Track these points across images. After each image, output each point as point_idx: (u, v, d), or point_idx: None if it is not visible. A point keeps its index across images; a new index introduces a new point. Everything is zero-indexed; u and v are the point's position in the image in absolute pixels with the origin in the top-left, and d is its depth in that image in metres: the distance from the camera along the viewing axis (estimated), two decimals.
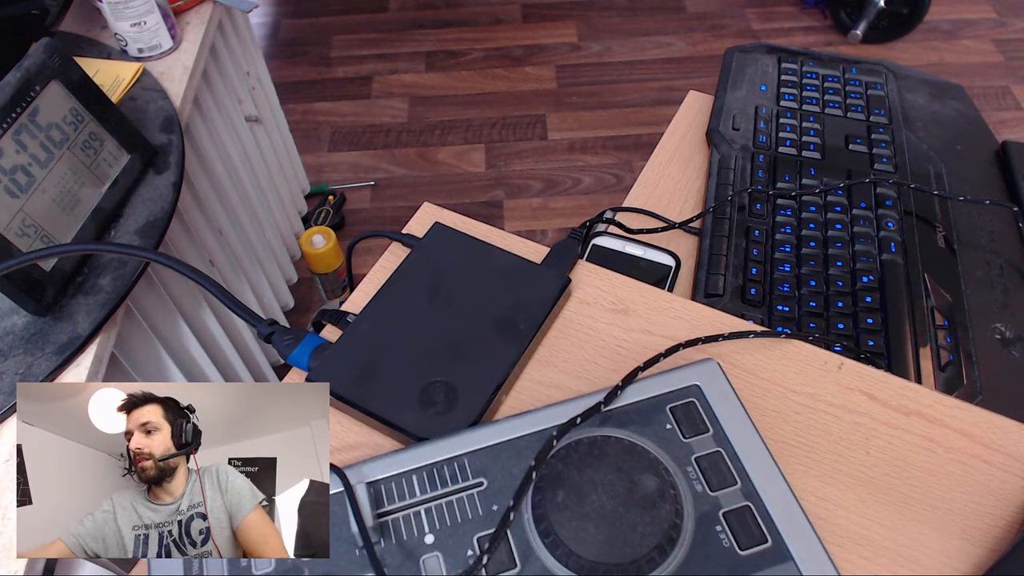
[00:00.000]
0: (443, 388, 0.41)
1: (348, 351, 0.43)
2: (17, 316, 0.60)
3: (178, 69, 0.86)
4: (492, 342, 0.43)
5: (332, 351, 0.43)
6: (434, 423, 0.40)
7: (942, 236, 0.64)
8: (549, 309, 0.45)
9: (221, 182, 1.06)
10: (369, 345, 0.43)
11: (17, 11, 0.82)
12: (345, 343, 0.43)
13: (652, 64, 2.02)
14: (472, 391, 0.41)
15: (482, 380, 0.42)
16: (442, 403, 0.41)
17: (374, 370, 0.42)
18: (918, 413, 0.42)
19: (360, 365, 0.42)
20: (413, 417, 0.40)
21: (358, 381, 0.41)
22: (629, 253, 0.61)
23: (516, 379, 0.44)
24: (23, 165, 0.60)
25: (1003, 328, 0.58)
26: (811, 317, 0.57)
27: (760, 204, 0.65)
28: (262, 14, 2.21)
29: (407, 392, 0.41)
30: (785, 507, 0.36)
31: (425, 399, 0.41)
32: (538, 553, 0.35)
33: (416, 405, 0.40)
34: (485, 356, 0.43)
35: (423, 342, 0.43)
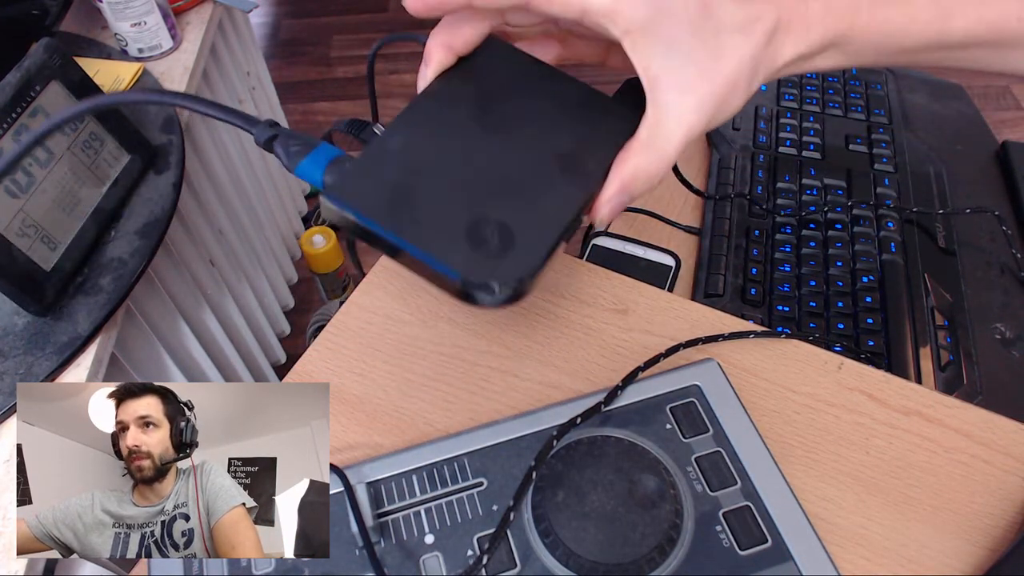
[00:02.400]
0: (496, 226, 0.32)
1: (374, 167, 0.33)
2: (17, 316, 0.60)
3: (178, 69, 0.86)
4: (557, 179, 0.35)
5: (355, 164, 0.33)
6: (485, 267, 0.31)
7: (942, 236, 0.64)
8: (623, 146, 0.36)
9: (221, 182, 1.06)
10: (400, 164, 0.33)
11: (17, 11, 0.82)
12: (370, 157, 0.33)
13: None
14: (531, 234, 0.32)
15: (544, 222, 0.33)
16: (495, 244, 0.32)
17: (407, 194, 0.33)
18: (918, 413, 0.42)
19: (390, 185, 0.33)
20: (460, 257, 0.31)
21: (389, 204, 0.32)
22: (629, 253, 0.61)
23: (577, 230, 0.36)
24: (23, 165, 0.60)
25: (1003, 328, 0.58)
26: (811, 317, 0.57)
27: (760, 204, 0.65)
28: (262, 14, 2.21)
29: (452, 226, 0.32)
30: (785, 507, 0.36)
31: (474, 237, 0.32)
32: (538, 553, 0.35)
33: (463, 243, 0.32)
34: (548, 194, 0.34)
35: (469, 169, 0.34)
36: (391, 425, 0.42)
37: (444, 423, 0.42)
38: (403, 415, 0.43)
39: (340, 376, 0.44)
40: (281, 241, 1.35)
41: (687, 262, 0.61)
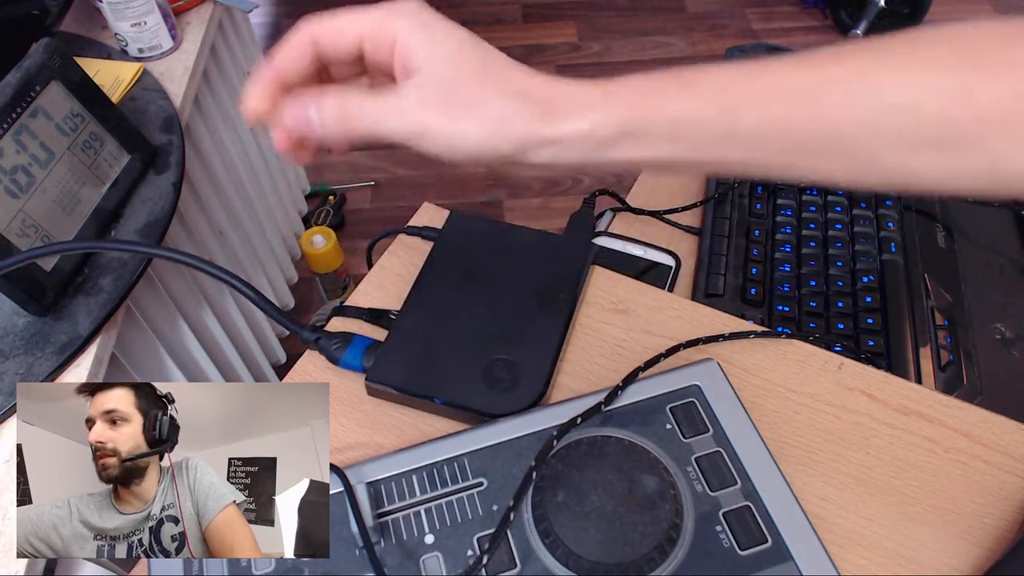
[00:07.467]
0: (504, 366, 0.42)
1: (401, 345, 0.43)
2: (17, 316, 0.60)
3: (178, 69, 0.86)
4: (538, 315, 0.44)
5: (385, 348, 0.43)
6: (504, 400, 0.41)
7: (942, 236, 0.64)
8: (584, 275, 0.46)
9: (221, 182, 1.06)
10: (419, 337, 0.43)
11: (17, 11, 0.82)
12: (396, 338, 0.43)
13: (652, 64, 2.01)
14: (533, 364, 0.42)
15: (540, 351, 0.43)
16: (507, 380, 0.41)
17: (431, 360, 0.42)
18: (918, 413, 0.42)
19: (416, 357, 0.43)
20: (483, 398, 0.41)
21: (419, 372, 0.42)
22: (629, 253, 0.60)
23: (568, 345, 0.45)
24: (23, 165, 0.60)
25: (1003, 328, 0.58)
26: (811, 317, 0.57)
27: (760, 204, 0.65)
28: (262, 14, 2.21)
29: (470, 375, 0.42)
30: (785, 507, 0.36)
31: (489, 379, 0.41)
32: (538, 553, 0.35)
33: (482, 386, 0.41)
34: (536, 329, 0.44)
35: (471, 326, 0.44)
36: (391, 425, 0.42)
37: (444, 423, 0.42)
38: (403, 415, 0.43)
39: (340, 376, 0.44)
40: (281, 241, 1.35)
41: (687, 262, 0.61)
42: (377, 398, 0.43)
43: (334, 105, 0.34)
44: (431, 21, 0.34)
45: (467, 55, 0.34)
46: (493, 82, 0.34)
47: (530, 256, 0.47)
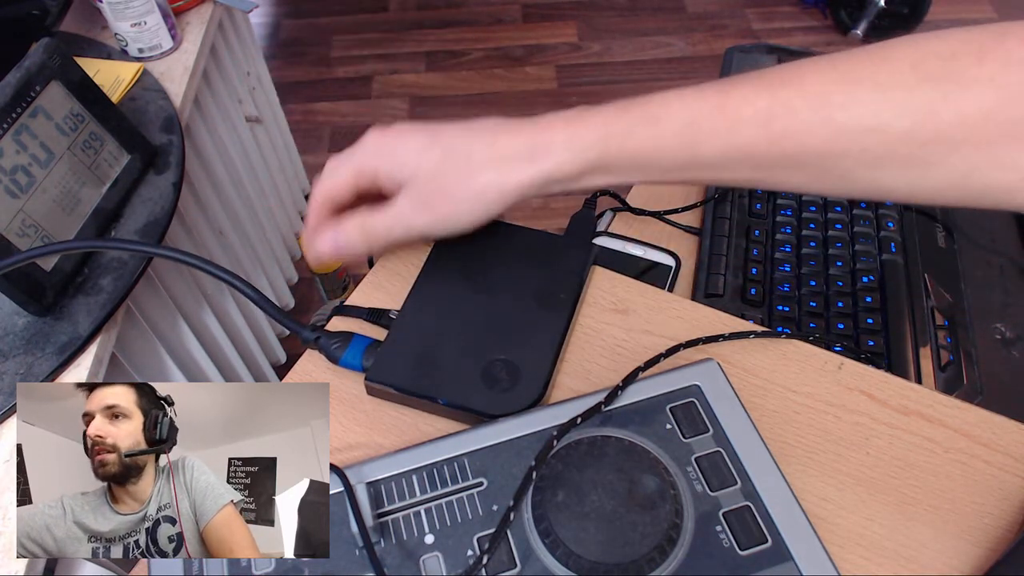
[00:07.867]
0: (504, 366, 0.42)
1: (401, 345, 0.43)
2: (17, 316, 0.60)
3: (178, 69, 0.86)
4: (538, 315, 0.44)
5: (385, 347, 0.43)
6: (504, 400, 0.41)
7: (942, 236, 0.64)
8: (584, 276, 0.46)
9: (221, 182, 1.06)
10: (419, 336, 0.44)
11: (17, 11, 0.82)
12: (395, 338, 0.43)
13: (652, 64, 2.02)
14: (533, 364, 0.42)
15: (540, 351, 0.43)
16: (506, 380, 0.41)
17: (431, 359, 0.42)
18: (918, 413, 0.42)
19: (416, 357, 0.43)
20: (483, 398, 0.41)
21: (419, 372, 0.42)
22: (629, 253, 0.61)
23: (567, 348, 0.45)
24: (23, 165, 0.60)
25: (1003, 328, 0.58)
26: (811, 317, 0.57)
27: (760, 204, 0.65)
28: (262, 14, 2.21)
29: (470, 375, 0.42)
30: (785, 507, 0.36)
31: (489, 379, 0.41)
32: (538, 553, 0.35)
33: (482, 386, 0.41)
34: (535, 329, 0.44)
35: (471, 326, 0.44)
36: (391, 425, 0.42)
37: (444, 423, 0.42)
38: (403, 415, 0.43)
39: (340, 376, 0.44)
40: (281, 241, 1.35)
41: (687, 262, 0.61)
42: (377, 398, 0.43)
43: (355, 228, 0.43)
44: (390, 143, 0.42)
45: (427, 157, 0.41)
46: (456, 171, 0.40)
47: (530, 256, 0.47)
